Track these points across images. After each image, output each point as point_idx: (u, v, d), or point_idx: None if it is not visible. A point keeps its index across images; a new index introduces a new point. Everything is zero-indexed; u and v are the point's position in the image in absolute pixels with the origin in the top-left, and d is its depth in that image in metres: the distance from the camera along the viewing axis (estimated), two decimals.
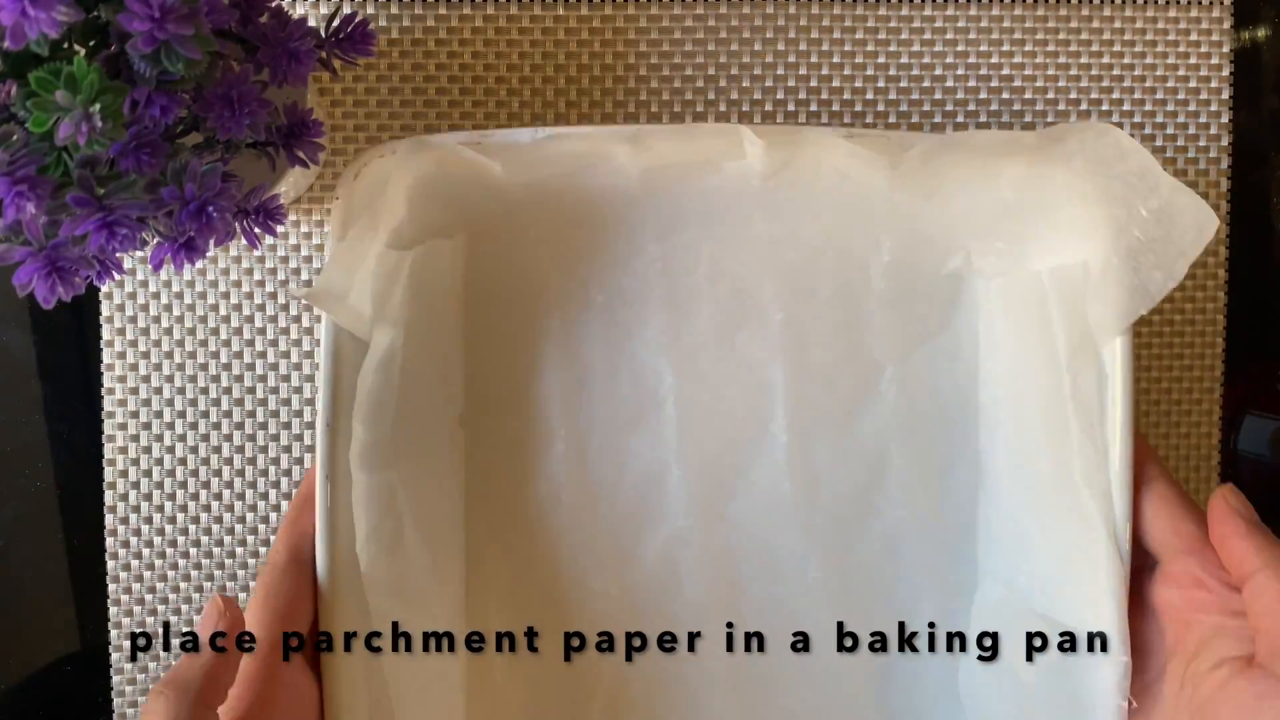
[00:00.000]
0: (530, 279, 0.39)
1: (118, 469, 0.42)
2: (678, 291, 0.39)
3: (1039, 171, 0.35)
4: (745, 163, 0.35)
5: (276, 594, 0.33)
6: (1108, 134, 0.34)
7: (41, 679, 0.43)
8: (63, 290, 0.27)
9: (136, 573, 0.42)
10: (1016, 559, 0.37)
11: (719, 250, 0.39)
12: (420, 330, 0.36)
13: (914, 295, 0.39)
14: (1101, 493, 0.34)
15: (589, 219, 0.38)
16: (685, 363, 0.39)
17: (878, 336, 0.39)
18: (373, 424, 0.34)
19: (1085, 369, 0.34)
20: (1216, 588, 0.32)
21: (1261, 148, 0.44)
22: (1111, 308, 0.34)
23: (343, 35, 0.32)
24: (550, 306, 0.39)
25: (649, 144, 0.34)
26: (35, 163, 0.25)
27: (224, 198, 0.28)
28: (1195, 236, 0.33)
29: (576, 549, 0.39)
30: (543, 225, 0.38)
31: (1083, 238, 0.34)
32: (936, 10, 0.43)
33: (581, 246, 0.39)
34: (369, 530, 0.34)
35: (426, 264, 0.36)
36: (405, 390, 0.35)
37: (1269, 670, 0.30)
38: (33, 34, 0.23)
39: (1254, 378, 0.44)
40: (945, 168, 0.35)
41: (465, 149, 0.35)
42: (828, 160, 0.35)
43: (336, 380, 0.34)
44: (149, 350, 0.42)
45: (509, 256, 0.38)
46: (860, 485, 0.39)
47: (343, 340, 0.34)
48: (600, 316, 0.39)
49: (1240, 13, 0.43)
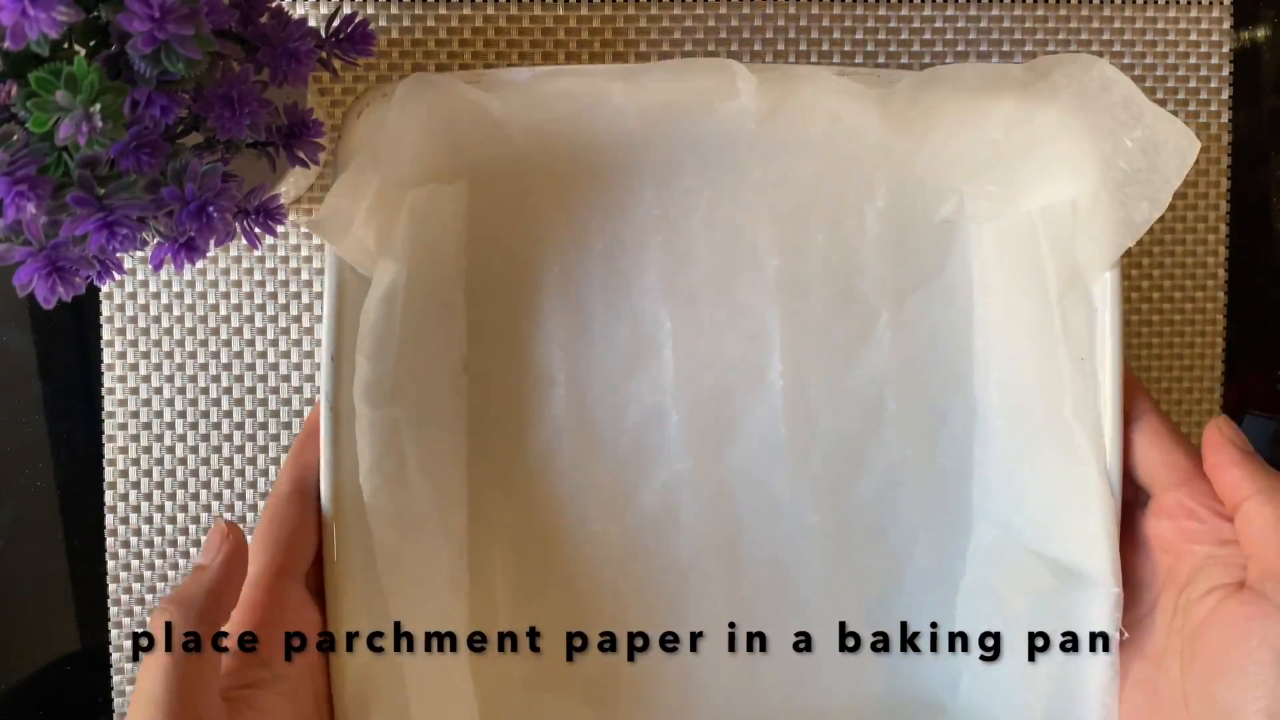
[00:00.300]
0: (531, 226, 0.39)
1: (118, 469, 0.42)
2: (676, 238, 0.39)
3: (1027, 108, 0.35)
4: (740, 103, 0.35)
5: (279, 523, 0.33)
6: (1093, 66, 0.34)
7: (42, 679, 0.43)
8: (63, 290, 0.27)
9: (137, 573, 0.42)
10: (1011, 501, 0.38)
11: (716, 197, 0.39)
12: (422, 273, 0.36)
13: (908, 241, 0.39)
14: (1092, 427, 0.34)
15: (588, 166, 0.39)
16: (683, 308, 0.39)
17: (873, 282, 0.39)
18: (376, 359, 0.35)
19: (1075, 305, 0.35)
20: (1208, 518, 0.33)
21: (1261, 148, 0.44)
22: (1100, 242, 0.34)
23: (343, 35, 0.32)
24: (550, 254, 0.39)
25: (643, 82, 0.35)
26: (35, 163, 0.25)
27: (224, 198, 0.28)
28: (1179, 163, 0.33)
29: (577, 492, 0.39)
30: (542, 172, 0.39)
31: (1071, 174, 0.35)
32: (936, 10, 0.43)
33: (581, 194, 0.39)
34: (372, 463, 0.34)
35: (428, 207, 0.37)
36: (407, 329, 0.36)
37: (1259, 592, 0.30)
38: (33, 34, 0.23)
39: (1254, 378, 0.44)
40: (935, 105, 0.35)
41: (464, 85, 0.35)
42: (820, 100, 0.36)
43: (340, 313, 0.34)
44: (149, 350, 0.42)
45: (509, 204, 0.39)
46: (856, 430, 0.39)
47: (346, 274, 0.35)
48: (600, 263, 0.39)
49: (1240, 13, 0.43)
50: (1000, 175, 0.37)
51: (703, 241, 0.39)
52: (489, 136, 0.37)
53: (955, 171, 0.38)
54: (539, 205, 0.39)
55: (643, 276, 0.39)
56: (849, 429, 0.39)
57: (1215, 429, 0.33)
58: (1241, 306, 0.44)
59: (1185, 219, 0.44)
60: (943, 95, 0.35)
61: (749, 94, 0.35)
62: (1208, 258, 0.44)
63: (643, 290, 0.39)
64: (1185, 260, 0.44)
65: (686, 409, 0.39)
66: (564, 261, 0.39)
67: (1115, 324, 0.34)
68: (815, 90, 0.35)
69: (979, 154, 0.37)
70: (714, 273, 0.39)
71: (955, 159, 0.37)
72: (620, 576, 0.39)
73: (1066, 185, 0.35)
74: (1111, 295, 0.34)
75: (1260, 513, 0.31)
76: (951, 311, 0.39)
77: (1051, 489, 0.36)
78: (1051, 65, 0.35)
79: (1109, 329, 0.34)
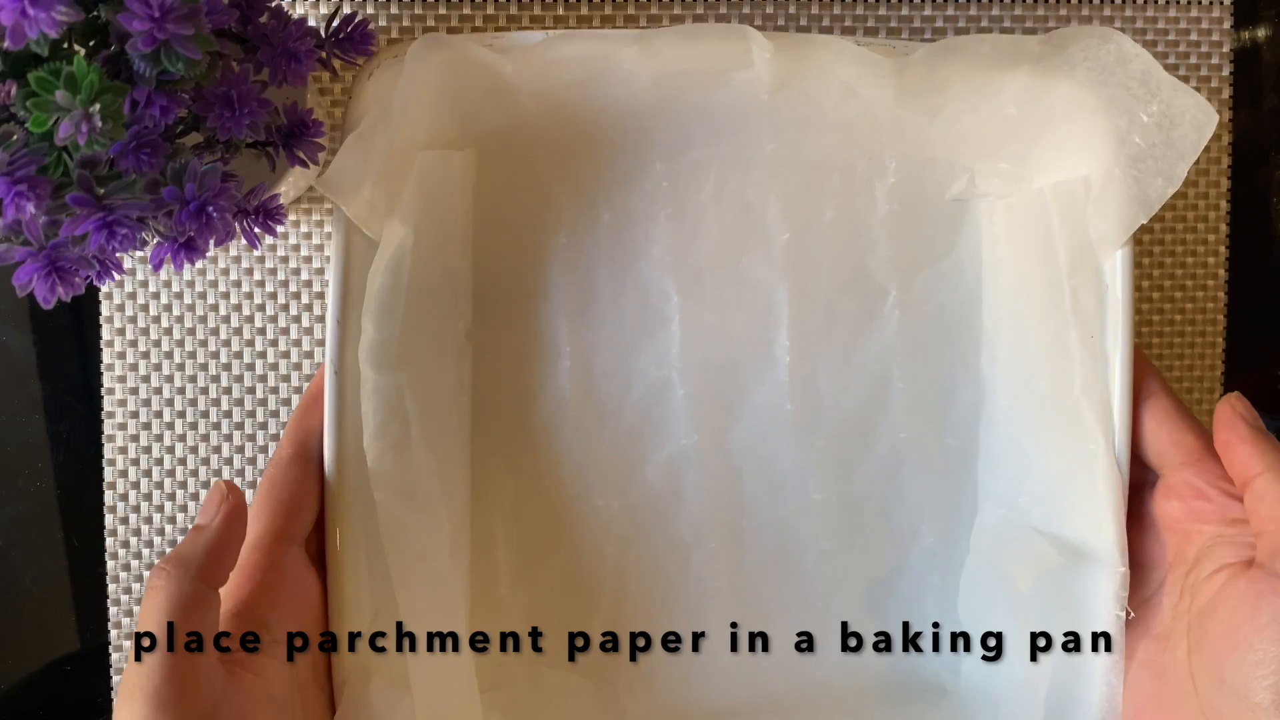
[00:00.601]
0: (539, 196, 0.39)
1: (117, 469, 0.42)
2: (684, 211, 0.39)
3: (1042, 83, 0.35)
4: (753, 73, 0.35)
5: (281, 485, 0.33)
6: (1110, 39, 0.34)
7: (41, 679, 0.43)
8: (62, 290, 0.27)
9: (136, 573, 0.42)
10: (1017, 480, 0.37)
11: (726, 170, 0.39)
12: (429, 238, 0.36)
13: (918, 219, 0.39)
14: (1101, 404, 0.34)
15: (598, 135, 0.38)
16: (691, 282, 0.39)
17: (882, 260, 0.39)
18: (381, 323, 0.34)
19: (1086, 283, 0.35)
20: (1217, 497, 0.32)
21: (1262, 147, 0.44)
22: (1112, 220, 0.34)
23: (343, 35, 0.32)
24: (558, 224, 0.39)
25: (656, 46, 0.34)
26: (35, 163, 0.25)
27: (224, 198, 0.28)
28: (1195, 138, 0.33)
29: (580, 464, 0.39)
30: (552, 142, 0.38)
31: (1085, 151, 0.35)
32: (936, 10, 0.43)
33: (590, 164, 0.39)
34: (376, 427, 0.34)
35: (436, 172, 0.37)
36: (414, 295, 0.35)
37: (1269, 569, 0.30)
38: (32, 34, 0.23)
39: (1255, 376, 0.44)
40: (950, 76, 0.35)
41: (476, 46, 0.35)
42: (835, 71, 0.35)
43: (347, 276, 0.34)
44: (149, 350, 0.42)
45: (518, 173, 0.39)
46: (862, 408, 0.39)
47: (354, 237, 0.35)
48: (608, 235, 0.39)
49: (1240, 12, 0.43)
50: (1013, 152, 0.37)
51: (711, 215, 0.39)
52: (499, 102, 0.37)
53: (967, 148, 0.38)
54: (547, 175, 0.39)
55: (651, 249, 0.39)
56: (855, 407, 0.39)
57: (1227, 404, 0.33)
58: (1241, 306, 0.44)
59: (1185, 219, 0.44)
60: (958, 67, 0.35)
61: (763, 62, 0.34)
62: (1208, 257, 0.44)
63: (650, 263, 0.39)
64: (1185, 260, 0.44)
65: (692, 384, 0.39)
66: (571, 233, 0.39)
67: (1127, 301, 0.34)
68: (830, 59, 0.35)
69: (992, 129, 0.37)
70: (722, 247, 0.39)
71: (968, 135, 0.37)
72: (622, 551, 0.39)
73: (1080, 162, 0.35)
74: (1123, 272, 0.34)
75: (1270, 490, 0.31)
76: (960, 291, 0.39)
77: (1059, 468, 0.36)
78: (1068, 38, 0.34)
79: (1121, 306, 0.34)
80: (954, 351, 0.39)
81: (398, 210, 0.35)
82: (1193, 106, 0.33)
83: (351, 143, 0.33)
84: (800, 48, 0.35)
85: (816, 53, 0.35)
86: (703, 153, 0.39)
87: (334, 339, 0.34)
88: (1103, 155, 0.34)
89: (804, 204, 0.39)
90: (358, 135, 0.33)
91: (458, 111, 0.37)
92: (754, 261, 0.39)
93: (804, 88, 0.36)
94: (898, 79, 0.35)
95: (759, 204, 0.39)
